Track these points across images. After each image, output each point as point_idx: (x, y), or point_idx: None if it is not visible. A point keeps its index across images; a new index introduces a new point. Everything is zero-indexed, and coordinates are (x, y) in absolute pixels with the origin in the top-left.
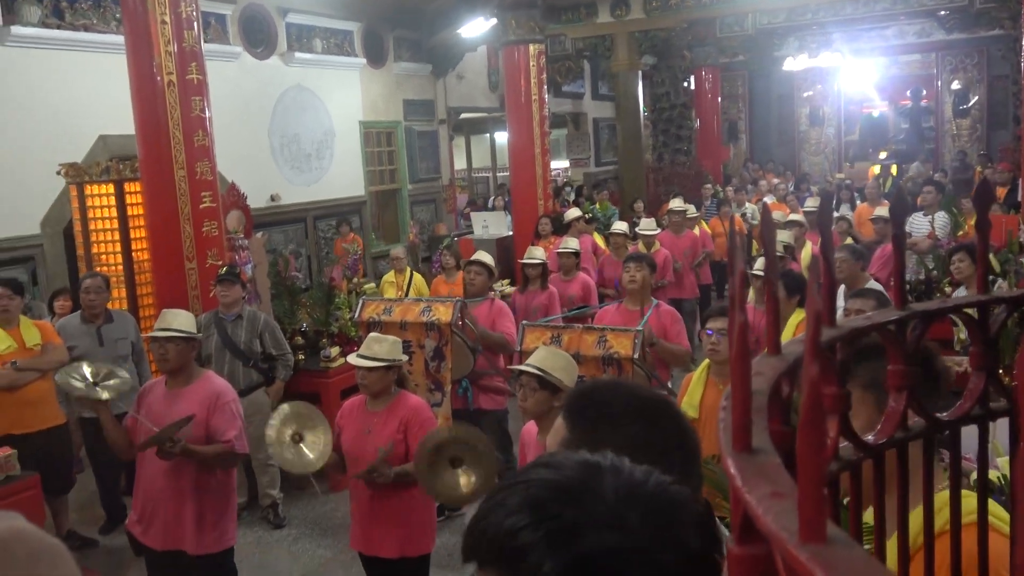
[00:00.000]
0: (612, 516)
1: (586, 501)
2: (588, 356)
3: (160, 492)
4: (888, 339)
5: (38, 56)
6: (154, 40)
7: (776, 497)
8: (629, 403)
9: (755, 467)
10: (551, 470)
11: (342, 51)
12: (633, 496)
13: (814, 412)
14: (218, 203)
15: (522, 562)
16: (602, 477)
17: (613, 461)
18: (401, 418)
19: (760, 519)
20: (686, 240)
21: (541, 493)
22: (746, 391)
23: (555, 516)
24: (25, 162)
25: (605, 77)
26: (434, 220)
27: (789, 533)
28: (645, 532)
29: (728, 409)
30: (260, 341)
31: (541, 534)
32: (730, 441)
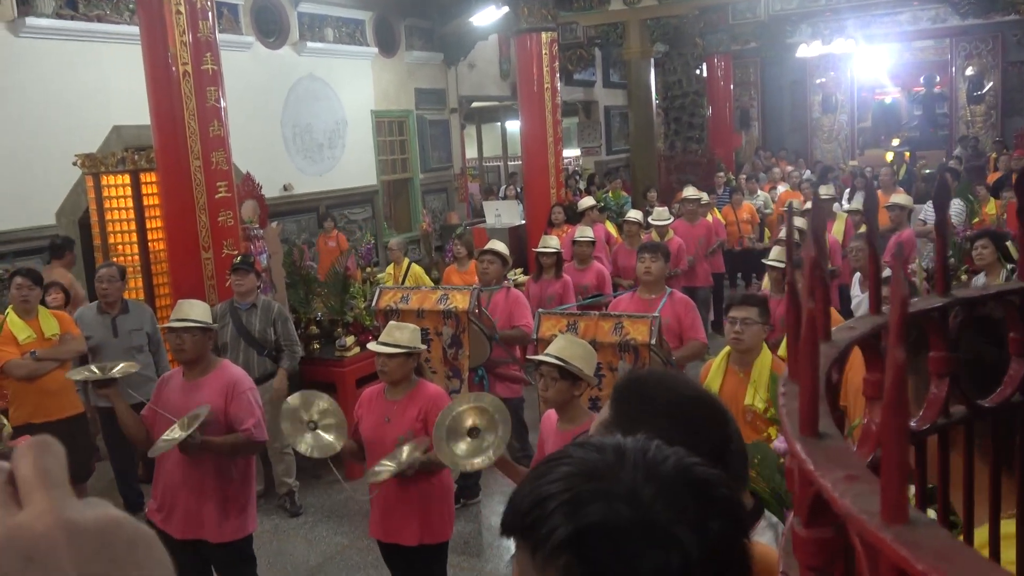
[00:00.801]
0: (626, 490)
1: (606, 477)
2: (605, 343)
3: (180, 481)
4: (931, 326)
5: (53, 47)
6: (169, 30)
7: (851, 480)
8: (672, 402)
9: (825, 451)
10: (583, 450)
11: (354, 40)
12: (651, 472)
13: (898, 394)
14: (233, 193)
15: (540, 530)
16: (625, 455)
17: (642, 441)
18: (420, 407)
19: (837, 502)
20: (700, 228)
21: (568, 470)
22: (814, 377)
23: (573, 489)
24: (40, 153)
25: (616, 65)
26: (446, 209)
27: (869, 515)
28: (658, 507)
29: (791, 396)
30: (273, 330)
31: (556, 504)
32: (797, 426)
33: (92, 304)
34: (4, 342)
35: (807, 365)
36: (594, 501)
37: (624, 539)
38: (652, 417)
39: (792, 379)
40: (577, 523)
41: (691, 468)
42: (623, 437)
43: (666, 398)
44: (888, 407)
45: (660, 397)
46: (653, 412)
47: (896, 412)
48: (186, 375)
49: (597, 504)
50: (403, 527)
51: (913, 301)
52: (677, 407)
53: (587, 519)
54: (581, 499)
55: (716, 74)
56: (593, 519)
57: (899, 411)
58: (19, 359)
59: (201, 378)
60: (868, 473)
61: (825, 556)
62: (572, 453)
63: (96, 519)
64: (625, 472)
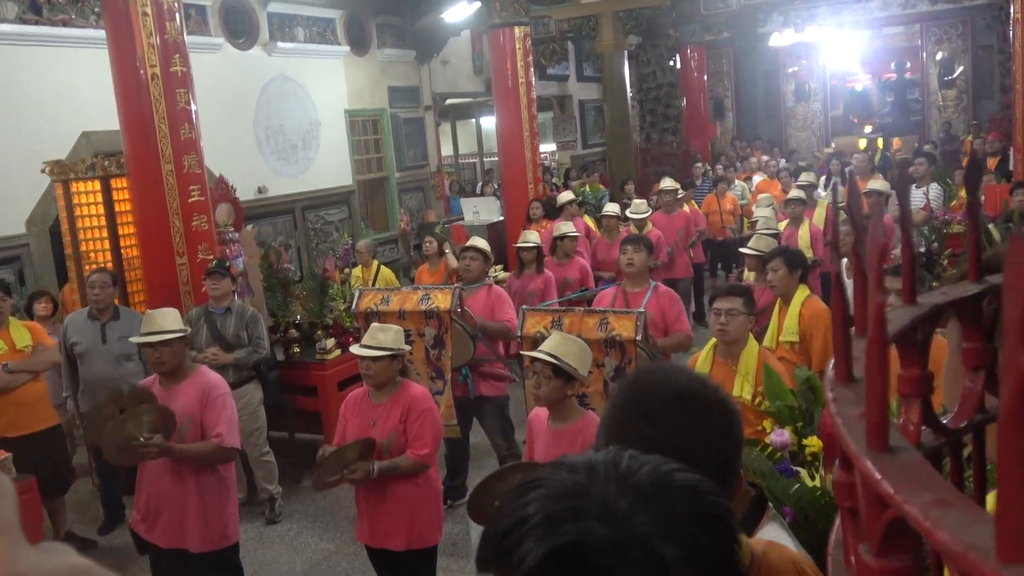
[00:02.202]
0: (599, 506)
1: (578, 495)
2: (590, 339)
3: (163, 491)
4: (964, 315)
5: (17, 53)
6: (136, 32)
7: (943, 505)
8: (680, 391)
9: (902, 469)
10: (555, 470)
11: (325, 39)
12: (624, 484)
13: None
14: (207, 197)
15: (513, 556)
16: (595, 470)
17: (613, 453)
18: (404, 408)
19: (932, 534)
20: (679, 219)
21: (541, 493)
22: (883, 384)
23: (545, 511)
24: (8, 160)
25: (590, 58)
26: (423, 207)
27: (982, 552)
28: (636, 520)
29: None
30: (247, 333)
31: (528, 527)
32: (862, 439)
33: (83, 310)
34: None
35: (874, 368)
36: (567, 521)
37: (599, 558)
38: (662, 408)
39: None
40: (549, 544)
41: (670, 475)
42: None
43: (674, 388)
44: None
45: (668, 388)
46: (663, 403)
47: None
48: (163, 383)
49: (569, 524)
50: (390, 532)
51: (945, 290)
52: (687, 395)
53: (559, 540)
54: (553, 520)
55: (690, 65)
56: (565, 539)
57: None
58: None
59: (178, 385)
60: (960, 496)
61: None
62: (545, 475)
63: (53, 571)
64: (596, 487)
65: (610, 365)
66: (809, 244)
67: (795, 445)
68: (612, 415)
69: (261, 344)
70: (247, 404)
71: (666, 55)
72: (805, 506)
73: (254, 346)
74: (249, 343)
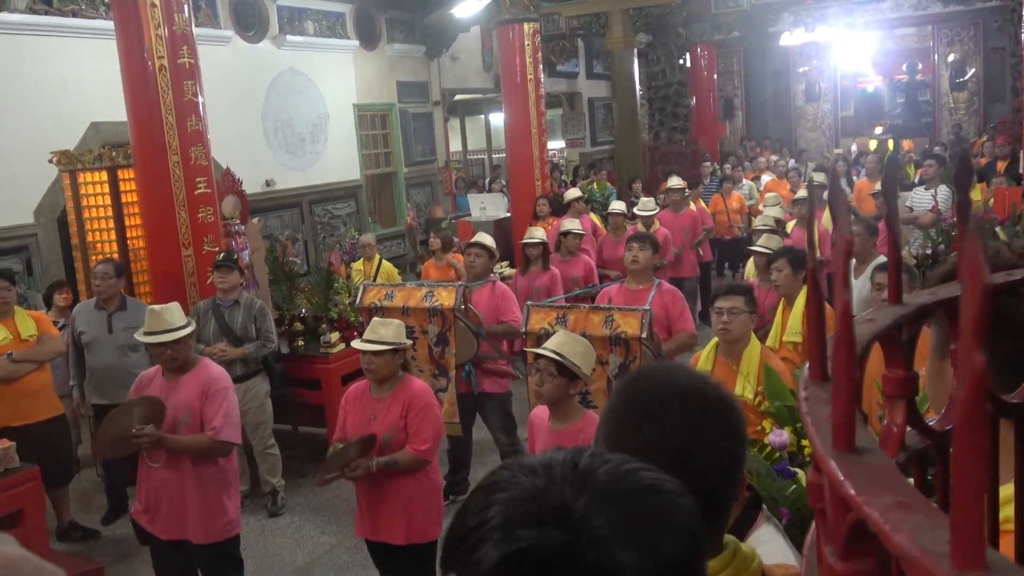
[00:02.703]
0: (555, 509)
1: (537, 498)
2: (595, 336)
3: (163, 483)
4: (953, 317)
5: (27, 43)
6: (144, 24)
7: (903, 508)
8: (682, 389)
9: (867, 471)
10: (513, 472)
11: (334, 33)
12: (582, 484)
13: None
14: (213, 189)
15: (468, 558)
16: (552, 470)
17: (573, 452)
18: (405, 403)
19: (890, 537)
20: (686, 218)
21: (502, 496)
22: (849, 384)
23: (504, 514)
24: (17, 151)
25: (600, 56)
26: (431, 203)
27: (937, 557)
28: (594, 523)
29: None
30: (254, 325)
31: (486, 530)
32: (828, 439)
33: (91, 300)
34: None
35: (843, 368)
36: (523, 526)
37: (554, 563)
38: (664, 407)
39: (814, 381)
40: (505, 549)
41: (632, 474)
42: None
43: (676, 387)
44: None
45: (670, 387)
46: (665, 402)
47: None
48: (166, 375)
49: (526, 529)
50: (390, 526)
51: (935, 290)
52: (690, 394)
53: (514, 545)
54: (511, 524)
55: (700, 64)
56: (520, 545)
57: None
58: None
59: (181, 377)
60: (923, 500)
61: None
62: (504, 477)
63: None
64: (554, 490)
65: (614, 362)
66: (817, 244)
67: (794, 446)
68: (612, 415)
69: (270, 337)
70: (254, 396)
71: (676, 54)
72: (802, 507)
73: (263, 340)
74: (258, 336)
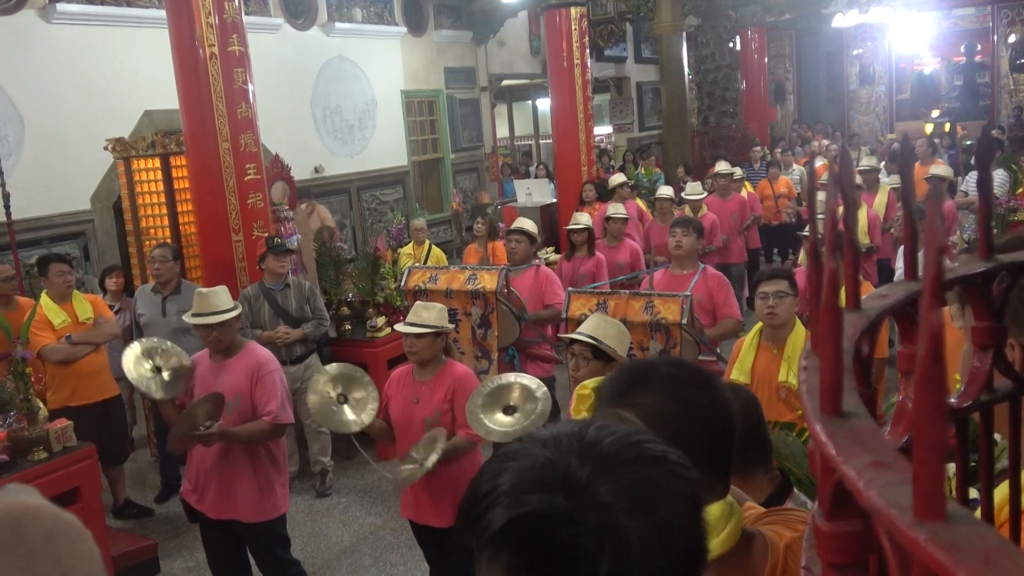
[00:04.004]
0: (562, 477)
1: (545, 467)
2: (635, 322)
3: (212, 463)
4: (973, 294)
5: (83, 33)
6: (195, 12)
7: (878, 467)
8: (669, 380)
9: (849, 433)
10: (524, 444)
11: (382, 20)
12: (587, 454)
13: (936, 367)
14: (263, 175)
15: (479, 522)
16: (560, 441)
17: (580, 423)
18: (448, 387)
19: (862, 493)
20: (733, 203)
21: (513, 464)
22: (837, 348)
23: (513, 482)
24: (73, 139)
25: (648, 40)
26: (477, 189)
27: (900, 510)
28: (598, 491)
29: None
30: (308, 306)
31: (495, 497)
32: (817, 405)
33: (150, 283)
34: (40, 327)
35: (829, 333)
36: (531, 492)
37: (558, 527)
38: (657, 378)
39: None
40: (512, 513)
41: (636, 445)
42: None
43: (671, 362)
44: (922, 383)
45: (664, 362)
46: (659, 374)
47: (931, 387)
48: (213, 357)
49: (533, 495)
50: (434, 509)
51: (951, 267)
52: (684, 367)
53: (521, 509)
54: (519, 490)
55: (750, 47)
56: (526, 509)
57: (935, 386)
58: (55, 343)
59: (228, 360)
60: (900, 459)
61: (851, 553)
62: (517, 449)
63: (6, 509)
64: (561, 459)
65: (655, 349)
66: (866, 231)
67: None
68: (608, 387)
69: (324, 316)
70: (311, 376)
71: (725, 37)
72: None
73: (318, 319)
74: (312, 316)
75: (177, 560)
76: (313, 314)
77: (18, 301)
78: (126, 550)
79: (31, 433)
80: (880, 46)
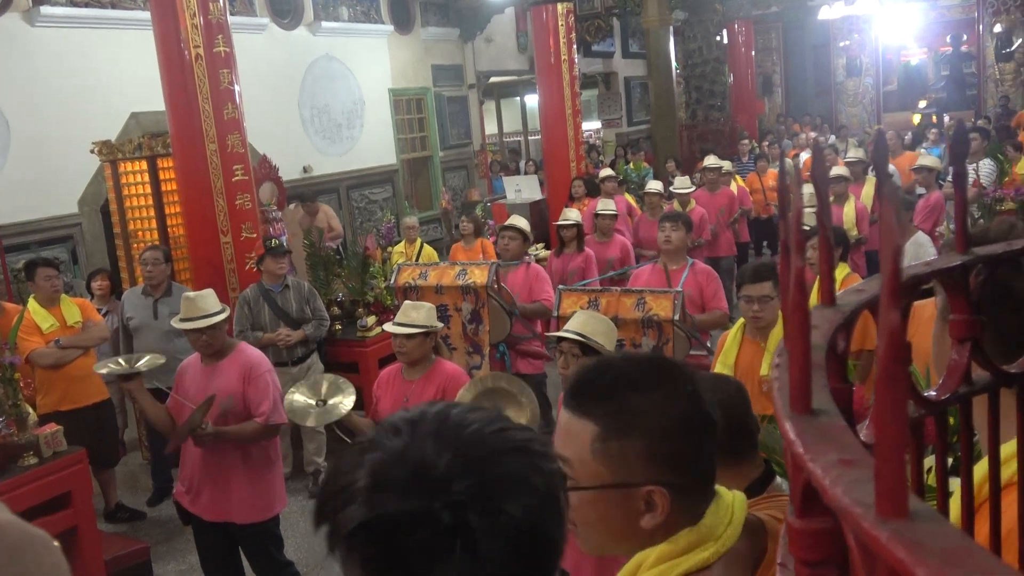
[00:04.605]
0: (415, 473)
1: (399, 461)
2: (627, 319)
3: (205, 465)
4: (950, 287)
5: (68, 35)
6: (180, 13)
7: (845, 465)
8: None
9: (818, 430)
10: (383, 432)
11: (369, 18)
12: (443, 441)
13: (896, 365)
14: (250, 176)
15: (334, 518)
16: (418, 426)
17: (442, 408)
18: (438, 385)
19: (828, 491)
20: (722, 197)
21: (367, 459)
22: (805, 345)
23: (363, 480)
24: (60, 142)
25: (635, 35)
26: (466, 186)
27: (864, 507)
28: (448, 488)
29: (783, 367)
30: (309, 307)
31: (349, 495)
32: (787, 402)
33: (140, 286)
34: (28, 332)
35: (797, 331)
36: (385, 490)
37: (410, 530)
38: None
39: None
40: (367, 513)
41: (499, 433)
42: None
43: (642, 355)
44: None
45: (636, 355)
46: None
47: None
48: (204, 360)
49: (388, 494)
50: None
51: (931, 260)
52: (657, 361)
53: (375, 511)
54: (373, 488)
55: (737, 40)
56: (380, 511)
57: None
58: (44, 348)
59: (219, 362)
60: (868, 456)
61: (822, 550)
62: (376, 437)
63: None
64: (415, 447)
65: (647, 345)
66: (854, 222)
67: None
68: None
69: (324, 316)
70: (312, 375)
71: (712, 30)
72: None
73: (318, 319)
74: (313, 316)
75: (170, 563)
76: (313, 315)
77: (5, 306)
78: (118, 554)
79: (21, 438)
80: (867, 38)
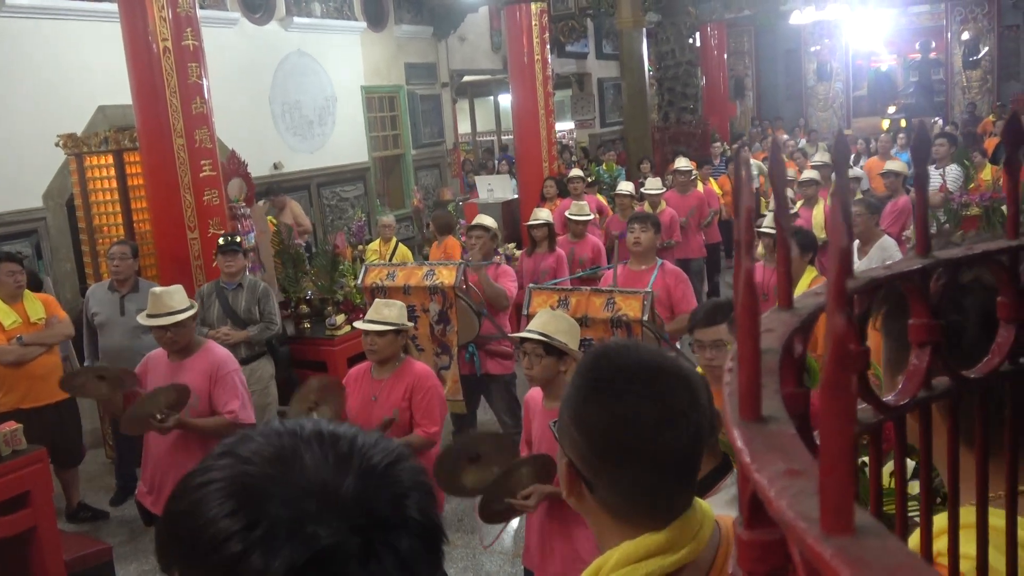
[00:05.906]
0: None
1: (316, 493)
2: (596, 319)
3: (168, 463)
4: (911, 290)
5: (34, 27)
6: (148, 6)
7: (792, 476)
8: (643, 366)
9: (766, 439)
10: (238, 460)
11: (342, 14)
12: (356, 472)
13: (840, 373)
14: (218, 171)
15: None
16: (319, 449)
17: (328, 426)
18: (407, 384)
19: (772, 503)
20: (692, 199)
21: (268, 490)
22: (754, 350)
23: (264, 525)
24: (25, 135)
25: (609, 36)
26: (439, 185)
27: (808, 522)
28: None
29: (735, 371)
30: (258, 307)
31: (249, 542)
32: (736, 408)
33: (105, 281)
34: None
35: (746, 334)
36: (287, 540)
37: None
38: (628, 384)
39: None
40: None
41: (402, 461)
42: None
43: (640, 363)
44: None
45: (634, 363)
46: (630, 379)
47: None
48: (171, 356)
49: (307, 527)
50: None
51: (891, 263)
52: (655, 370)
53: (313, 544)
54: (273, 540)
55: (710, 43)
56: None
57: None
58: (6, 345)
59: (186, 359)
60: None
61: (769, 562)
62: (272, 473)
63: None
64: (326, 480)
65: None
66: (823, 225)
67: None
68: (577, 395)
69: (273, 320)
70: (259, 379)
71: (685, 33)
72: None
73: (266, 322)
74: (261, 319)
75: (132, 564)
76: (262, 317)
77: None
78: (80, 554)
79: None
80: (837, 43)
